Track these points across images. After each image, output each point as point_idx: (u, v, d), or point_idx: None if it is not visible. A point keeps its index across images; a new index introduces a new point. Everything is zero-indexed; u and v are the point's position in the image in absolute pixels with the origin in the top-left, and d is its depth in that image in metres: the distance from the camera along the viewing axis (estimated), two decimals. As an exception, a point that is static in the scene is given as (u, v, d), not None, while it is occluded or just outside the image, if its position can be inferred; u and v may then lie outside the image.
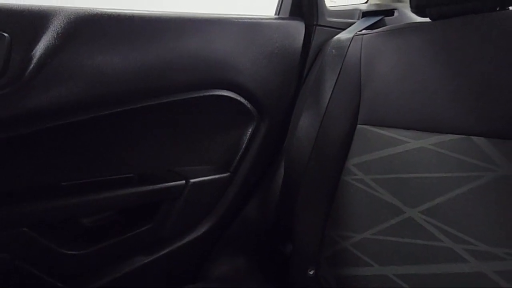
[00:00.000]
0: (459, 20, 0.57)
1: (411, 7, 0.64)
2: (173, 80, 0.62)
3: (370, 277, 0.57)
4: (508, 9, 0.57)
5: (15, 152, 0.54)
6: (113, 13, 0.55)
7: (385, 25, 0.93)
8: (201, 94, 0.65)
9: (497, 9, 0.57)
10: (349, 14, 0.88)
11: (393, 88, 0.62)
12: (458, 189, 0.51)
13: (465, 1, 0.57)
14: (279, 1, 0.78)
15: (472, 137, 0.51)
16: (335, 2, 0.96)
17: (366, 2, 0.98)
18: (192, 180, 0.64)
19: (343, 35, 0.77)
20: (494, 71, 0.51)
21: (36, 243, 0.50)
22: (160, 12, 0.61)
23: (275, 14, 0.80)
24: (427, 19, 0.65)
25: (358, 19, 0.92)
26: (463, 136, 0.52)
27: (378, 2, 0.97)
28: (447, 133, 0.54)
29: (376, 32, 0.70)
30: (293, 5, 0.77)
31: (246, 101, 0.69)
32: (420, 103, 0.58)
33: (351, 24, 0.84)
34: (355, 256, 0.60)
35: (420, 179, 0.55)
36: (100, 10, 0.55)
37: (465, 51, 0.54)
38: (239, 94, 0.68)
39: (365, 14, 0.92)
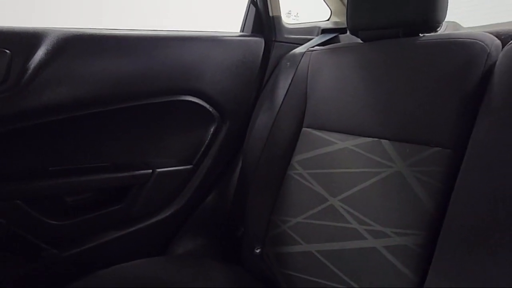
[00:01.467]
0: (382, 43, 0.69)
1: (348, 29, 0.76)
2: (145, 87, 0.75)
3: (299, 253, 0.69)
4: (421, 35, 0.68)
5: (14, 141, 0.67)
6: (95, 33, 0.68)
7: (339, 42, 1.05)
8: (170, 99, 0.78)
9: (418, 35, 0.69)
10: (309, 31, 1.00)
11: (330, 98, 0.74)
12: (366, 182, 0.64)
13: (387, 27, 0.68)
14: (243, 20, 0.91)
15: (381, 140, 0.63)
16: (298, 19, 1.07)
17: (328, 20, 1.10)
18: (158, 170, 0.77)
19: (298, 50, 0.89)
20: (399, 88, 0.63)
21: (27, 213, 0.63)
22: (136, 31, 0.74)
23: (240, 31, 0.93)
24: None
25: (317, 35, 1.04)
26: (375, 139, 0.64)
27: (338, 20, 1.09)
28: (365, 136, 0.66)
29: (322, 50, 0.82)
30: (254, 23, 0.89)
31: (208, 106, 0.82)
32: (348, 111, 0.70)
33: (309, 39, 0.96)
34: (290, 237, 0.72)
35: (341, 173, 0.68)
36: (84, 30, 0.68)
37: (383, 70, 0.66)
38: (202, 99, 0.81)
39: (324, 31, 1.04)
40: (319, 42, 0.93)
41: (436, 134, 0.57)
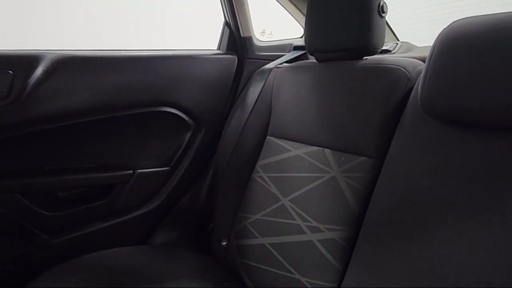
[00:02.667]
0: (331, 63, 0.79)
1: (306, 50, 0.86)
2: (128, 100, 0.87)
3: (255, 245, 0.80)
4: (364, 58, 0.78)
5: (15, 145, 0.79)
6: (84, 55, 0.80)
7: (307, 59, 1.15)
8: (150, 110, 0.90)
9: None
10: (282, 47, 1.10)
11: (288, 110, 0.84)
12: (309, 185, 0.74)
13: (335, 51, 0.79)
14: (219, 40, 1.02)
15: (325, 149, 0.73)
16: (272, 37, 1.17)
17: (301, 37, 1.20)
18: (138, 171, 0.89)
19: (268, 66, 1.00)
20: (339, 104, 0.73)
21: (25, 205, 0.76)
22: (120, 52, 0.86)
23: (217, 49, 1.04)
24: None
25: (290, 51, 1.15)
26: (320, 148, 0.74)
27: (311, 37, 1.19)
28: (312, 145, 0.76)
29: (286, 67, 0.93)
30: (228, 43, 1.01)
31: (185, 116, 0.94)
32: (301, 123, 0.80)
33: (280, 55, 1.07)
34: (249, 231, 0.83)
35: (292, 177, 0.78)
36: (75, 52, 0.80)
37: (329, 88, 0.77)
38: (179, 110, 0.93)
39: (295, 47, 1.14)
40: (288, 58, 1.04)
41: (364, 145, 0.67)
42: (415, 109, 0.63)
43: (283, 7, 1.06)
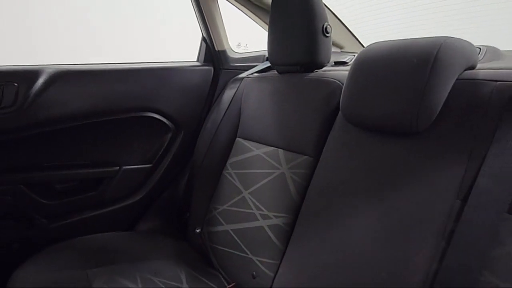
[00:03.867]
0: (288, 75, 0.92)
1: (270, 64, 0.99)
2: (116, 106, 1.01)
3: (221, 232, 0.93)
4: (315, 71, 0.90)
5: (19, 145, 0.94)
6: (78, 69, 0.95)
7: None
8: (135, 115, 1.04)
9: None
10: (255, 59, 1.23)
11: (253, 115, 0.97)
12: (264, 179, 0.87)
13: (290, 65, 0.91)
14: (198, 52, 1.16)
15: (278, 149, 0.86)
16: (247, 49, 1.30)
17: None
18: (124, 167, 1.03)
19: (240, 76, 1.13)
20: (290, 111, 0.86)
21: (27, 195, 0.91)
22: (109, 65, 1.00)
23: (196, 61, 1.18)
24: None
25: (263, 61, 1.27)
26: (275, 148, 0.87)
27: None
28: (269, 146, 0.89)
29: (253, 77, 1.06)
30: (205, 55, 1.15)
31: (166, 120, 1.08)
32: (262, 126, 0.93)
33: (254, 66, 1.20)
34: (217, 220, 0.96)
35: (252, 173, 0.91)
36: (70, 66, 0.95)
37: (284, 96, 0.89)
38: (161, 115, 1.07)
39: (268, 58, 1.27)
40: (259, 69, 1.17)
41: (306, 146, 0.80)
42: (342, 117, 0.75)
43: (256, 23, 1.19)
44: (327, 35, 0.87)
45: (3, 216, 0.91)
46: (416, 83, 0.56)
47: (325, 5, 1.20)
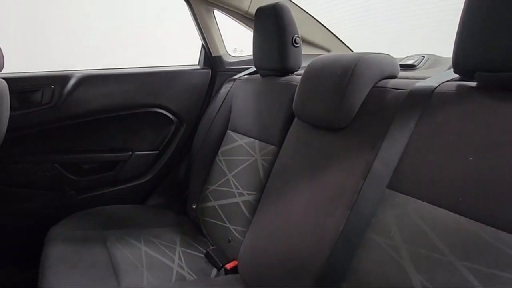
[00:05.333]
0: (267, 78, 1.10)
1: (255, 67, 1.17)
2: (130, 103, 1.24)
3: (210, 207, 1.14)
4: (290, 75, 1.07)
5: (55, 134, 1.20)
6: (99, 73, 1.19)
7: None
8: (145, 110, 1.27)
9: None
10: (248, 62, 1.41)
11: (239, 111, 1.17)
12: (243, 165, 1.06)
13: (269, 69, 1.09)
14: (199, 58, 1.36)
15: (255, 140, 1.05)
16: (242, 53, 1.48)
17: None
18: (135, 152, 1.27)
19: (233, 77, 1.32)
20: (265, 107, 1.04)
21: (61, 172, 1.17)
22: (125, 69, 1.23)
23: (197, 64, 1.38)
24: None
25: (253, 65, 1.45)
26: (252, 139, 1.06)
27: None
28: (249, 137, 1.08)
29: (242, 79, 1.24)
30: (204, 60, 1.35)
31: (170, 114, 1.29)
32: (246, 121, 1.12)
33: (246, 68, 1.38)
34: (208, 197, 1.16)
35: (235, 160, 1.11)
36: (93, 71, 1.18)
37: (263, 96, 1.07)
38: (166, 110, 1.29)
39: None
40: (250, 71, 1.35)
41: (273, 138, 0.98)
42: None
43: (249, 31, 1.36)
44: (296, 45, 1.04)
45: (44, 188, 1.18)
46: (338, 90, 0.73)
47: (310, 15, 1.37)
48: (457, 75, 0.61)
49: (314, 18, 1.37)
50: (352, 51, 1.49)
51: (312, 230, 0.73)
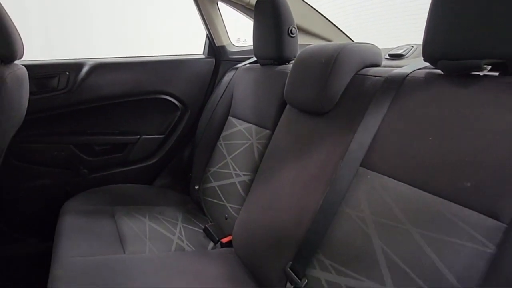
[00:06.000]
0: (266, 67, 1.16)
1: (255, 57, 1.23)
2: (139, 90, 1.33)
3: (210, 187, 1.22)
4: (287, 64, 1.13)
5: (70, 117, 1.30)
6: (111, 61, 1.27)
7: None
8: (152, 97, 1.35)
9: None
10: (250, 51, 1.46)
11: (241, 99, 1.23)
12: (241, 148, 1.14)
13: (267, 59, 1.15)
14: (203, 47, 1.43)
15: (252, 125, 1.12)
16: (246, 43, 1.54)
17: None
18: (143, 136, 1.36)
19: (236, 66, 1.38)
20: (262, 95, 1.10)
21: (75, 152, 1.27)
22: (134, 58, 1.31)
23: (202, 53, 1.45)
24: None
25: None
26: (250, 124, 1.13)
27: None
28: (247, 122, 1.15)
29: (243, 68, 1.30)
30: (209, 49, 1.42)
31: (176, 101, 1.37)
32: (244, 107, 1.19)
33: (248, 57, 1.44)
34: (209, 179, 1.24)
35: (234, 143, 1.18)
36: (105, 59, 1.27)
37: (260, 84, 1.14)
38: (172, 97, 1.37)
39: None
40: (252, 60, 1.41)
41: (268, 123, 1.05)
42: None
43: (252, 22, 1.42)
44: (292, 35, 1.09)
45: (60, 166, 1.29)
46: (322, 77, 0.78)
47: (312, 7, 1.41)
48: (428, 63, 0.66)
49: (315, 10, 1.41)
50: (352, 41, 1.53)
51: (297, 205, 0.80)
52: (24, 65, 0.96)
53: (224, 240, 1.05)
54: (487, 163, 0.50)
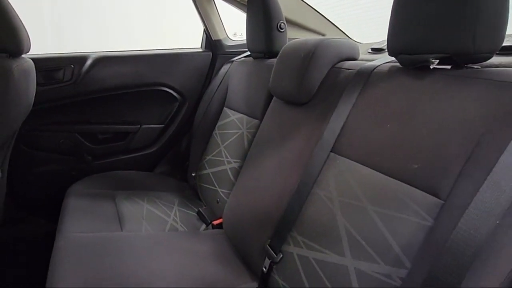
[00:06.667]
0: (258, 60, 1.22)
1: (249, 50, 1.29)
2: (140, 82, 1.40)
3: (205, 174, 1.29)
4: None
5: (75, 107, 1.38)
6: (113, 55, 1.35)
7: None
8: (152, 88, 1.43)
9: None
10: (245, 45, 1.52)
11: (234, 90, 1.30)
12: (233, 137, 1.20)
13: (259, 52, 1.21)
14: (201, 41, 1.50)
15: (243, 115, 1.18)
16: (242, 37, 1.60)
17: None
18: (143, 125, 1.44)
19: (231, 60, 1.45)
20: (252, 86, 1.16)
21: (80, 140, 1.36)
22: (135, 51, 1.39)
23: (200, 47, 1.52)
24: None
25: None
26: (242, 114, 1.20)
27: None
28: (239, 113, 1.22)
29: (238, 61, 1.37)
30: (206, 43, 1.48)
31: (174, 93, 1.45)
32: (238, 98, 1.26)
33: (243, 51, 1.50)
34: (204, 166, 1.32)
35: (227, 132, 1.25)
36: (107, 53, 1.35)
37: (251, 76, 1.20)
38: (171, 89, 1.44)
39: None
40: (245, 55, 1.47)
41: (257, 113, 1.11)
42: None
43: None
44: (281, 30, 1.15)
45: (66, 153, 1.39)
46: (300, 71, 0.85)
47: (306, 3, 1.46)
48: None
49: (309, 5, 1.46)
50: (346, 34, 1.58)
51: (277, 188, 0.87)
52: (32, 58, 1.04)
53: (215, 222, 1.13)
54: (431, 147, 0.56)
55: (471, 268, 0.43)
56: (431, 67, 0.60)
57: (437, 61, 0.58)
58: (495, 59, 0.66)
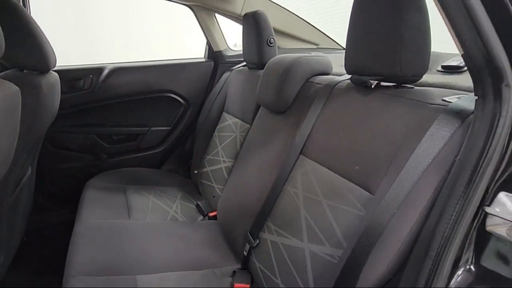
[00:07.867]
0: (252, 70, 1.36)
1: (245, 61, 1.44)
2: (148, 89, 1.58)
3: (205, 172, 1.45)
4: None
5: (93, 112, 1.57)
6: (125, 66, 1.52)
7: None
8: (160, 95, 1.60)
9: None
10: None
11: (232, 97, 1.45)
12: (229, 139, 1.35)
13: (252, 63, 1.35)
14: (204, 51, 1.65)
15: (238, 120, 1.33)
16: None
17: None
18: (152, 128, 1.61)
19: (231, 69, 1.60)
20: (246, 94, 1.31)
21: (97, 141, 1.55)
22: (144, 62, 1.56)
23: (203, 57, 1.67)
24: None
25: None
26: (237, 119, 1.35)
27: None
28: (236, 118, 1.37)
29: (236, 70, 1.51)
30: (208, 53, 1.64)
31: (180, 98, 1.61)
32: (234, 104, 1.41)
33: (242, 61, 1.64)
34: (205, 165, 1.48)
35: (224, 135, 1.40)
36: (120, 64, 1.53)
37: (246, 84, 1.34)
38: (176, 95, 1.61)
39: None
40: (243, 64, 1.61)
41: (249, 118, 1.26)
42: None
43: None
44: (270, 45, 1.29)
45: (85, 152, 1.58)
46: (278, 84, 0.99)
47: (299, 17, 1.59)
48: None
49: (302, 19, 1.59)
50: (338, 43, 1.70)
51: (259, 185, 1.01)
52: (57, 70, 1.22)
53: (211, 214, 1.28)
54: (368, 153, 0.69)
55: (375, 246, 0.56)
56: (372, 86, 0.73)
57: (376, 82, 0.71)
58: (435, 77, 0.79)
